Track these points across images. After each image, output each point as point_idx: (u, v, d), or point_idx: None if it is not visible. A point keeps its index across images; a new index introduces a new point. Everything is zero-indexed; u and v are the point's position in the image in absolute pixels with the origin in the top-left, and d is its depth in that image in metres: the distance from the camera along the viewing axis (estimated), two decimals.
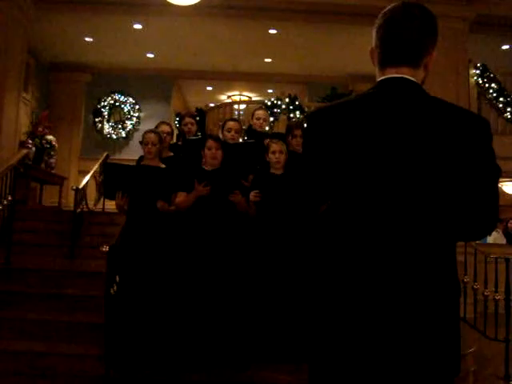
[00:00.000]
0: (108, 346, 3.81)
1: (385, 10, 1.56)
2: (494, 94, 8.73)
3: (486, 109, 8.84)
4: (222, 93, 13.18)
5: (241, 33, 9.37)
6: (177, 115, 9.62)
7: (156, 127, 4.88)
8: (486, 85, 8.72)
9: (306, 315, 1.58)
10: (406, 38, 1.51)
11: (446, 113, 1.48)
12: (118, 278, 4.04)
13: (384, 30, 1.54)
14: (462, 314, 5.06)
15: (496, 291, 4.86)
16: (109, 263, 3.97)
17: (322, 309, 1.50)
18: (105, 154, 9.09)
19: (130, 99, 11.87)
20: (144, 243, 4.01)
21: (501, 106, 8.75)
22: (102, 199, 8.33)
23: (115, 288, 4.00)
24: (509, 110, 8.74)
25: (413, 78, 1.52)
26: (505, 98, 8.73)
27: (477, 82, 8.68)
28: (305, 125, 1.71)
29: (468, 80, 8.37)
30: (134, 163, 4.71)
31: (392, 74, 1.54)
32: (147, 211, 4.10)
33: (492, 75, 8.74)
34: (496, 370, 4.55)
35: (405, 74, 1.52)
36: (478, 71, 8.70)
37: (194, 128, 5.22)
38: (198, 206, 3.98)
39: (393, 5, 1.55)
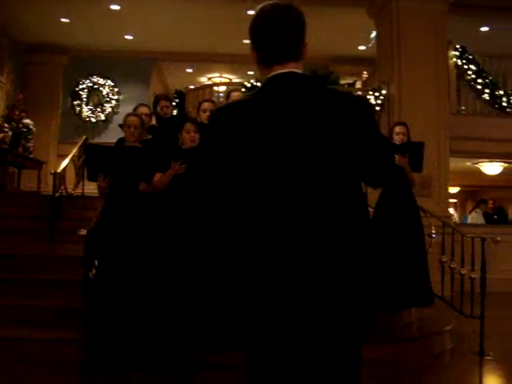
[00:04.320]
0: (87, 331, 3.80)
1: (257, 12, 1.66)
2: (473, 76, 8.77)
3: (464, 90, 8.90)
4: (202, 75, 13.08)
5: (219, 14, 9.27)
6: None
7: (135, 109, 4.88)
8: (465, 66, 8.76)
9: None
10: (284, 39, 1.63)
11: (333, 98, 1.64)
12: (96, 262, 4.02)
13: (261, 33, 1.65)
14: (439, 293, 5.15)
15: (472, 270, 4.94)
16: (86, 247, 3.94)
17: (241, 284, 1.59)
18: (84, 138, 8.98)
19: (109, 82, 11.73)
20: (122, 226, 4.00)
21: (479, 87, 8.81)
22: (81, 183, 8.26)
23: (94, 272, 3.99)
24: (487, 91, 8.80)
25: (298, 70, 1.65)
26: (483, 79, 8.78)
27: (456, 64, 8.71)
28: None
29: (447, 61, 8.40)
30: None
31: (280, 70, 1.64)
32: (127, 194, 4.09)
33: (471, 57, 8.78)
34: (472, 346, 4.63)
35: (290, 68, 1.64)
36: (457, 53, 8.72)
37: (169, 111, 5.24)
38: (176, 186, 3.98)
39: (263, 6, 1.65)
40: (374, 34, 9.40)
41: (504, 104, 8.87)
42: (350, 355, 1.61)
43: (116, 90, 11.75)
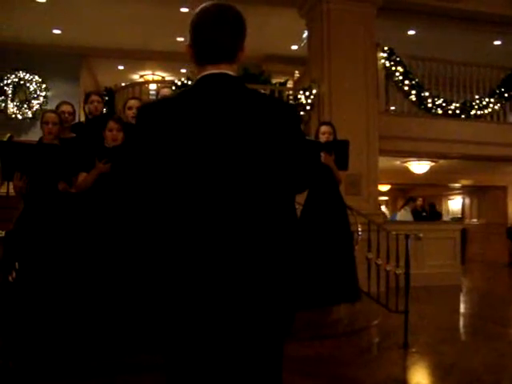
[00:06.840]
0: (6, 337, 3.63)
1: (198, 11, 1.67)
2: (400, 77, 9.04)
3: (393, 90, 9.17)
4: (134, 72, 12.83)
5: (152, 10, 9.13)
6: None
7: (57, 107, 4.76)
8: (393, 68, 9.01)
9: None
10: (221, 40, 1.65)
11: (261, 103, 1.66)
12: (17, 265, 3.85)
13: (200, 32, 1.66)
14: (366, 290, 5.27)
15: (397, 266, 5.07)
16: (5, 249, 3.78)
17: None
18: (8, 135, 8.57)
19: (36, 77, 11.29)
20: (42, 227, 3.84)
21: (406, 88, 9.09)
22: (6, 183, 7.90)
23: (14, 275, 3.82)
24: (413, 92, 9.10)
25: (231, 73, 1.68)
26: (410, 80, 9.07)
27: (384, 65, 8.95)
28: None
29: (376, 62, 8.63)
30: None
31: (212, 70, 1.66)
32: (45, 193, 3.94)
33: (398, 59, 9.04)
34: (397, 340, 4.77)
35: (223, 69, 1.66)
36: (385, 54, 8.96)
37: (100, 106, 5.06)
38: (100, 185, 3.88)
39: (205, 5, 1.66)
40: (305, 34, 9.52)
41: (429, 105, 9.21)
42: (271, 354, 1.62)
43: (44, 86, 11.32)
